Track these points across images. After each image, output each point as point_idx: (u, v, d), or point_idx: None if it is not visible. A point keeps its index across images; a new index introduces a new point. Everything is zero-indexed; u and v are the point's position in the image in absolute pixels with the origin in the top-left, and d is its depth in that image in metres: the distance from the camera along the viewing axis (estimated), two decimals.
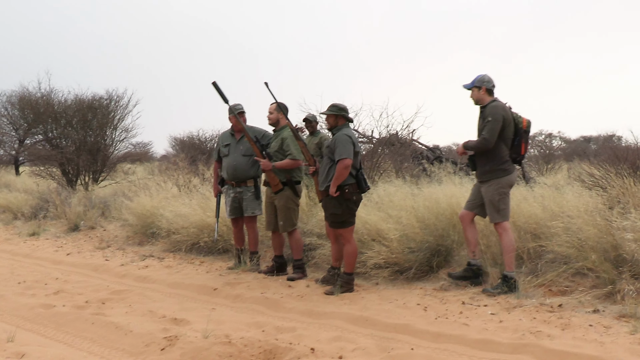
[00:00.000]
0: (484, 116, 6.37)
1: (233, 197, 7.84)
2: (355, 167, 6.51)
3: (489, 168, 6.33)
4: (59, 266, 8.92)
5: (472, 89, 6.49)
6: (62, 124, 18.44)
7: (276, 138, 7.52)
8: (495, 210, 6.28)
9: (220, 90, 7.34)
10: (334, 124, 6.65)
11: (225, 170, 7.85)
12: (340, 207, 6.48)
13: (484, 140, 6.26)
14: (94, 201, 13.60)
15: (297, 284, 7.03)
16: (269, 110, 7.56)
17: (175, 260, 8.92)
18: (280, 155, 7.42)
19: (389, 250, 6.93)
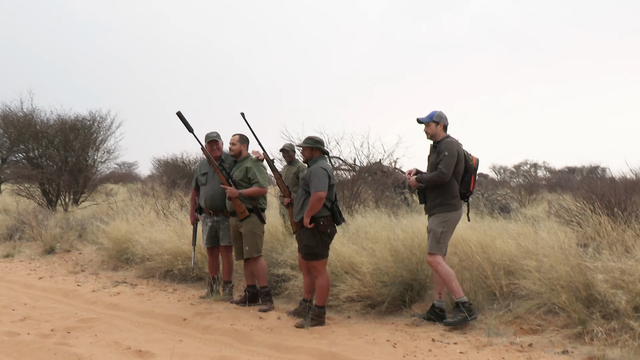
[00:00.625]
0: (438, 151, 6.46)
1: (210, 225, 7.81)
2: (331, 199, 6.49)
3: (440, 202, 6.42)
4: (30, 290, 8.79)
5: (429, 123, 6.58)
6: (44, 143, 18.39)
7: (239, 167, 7.51)
8: (435, 241, 6.35)
9: (184, 119, 7.31)
10: (309, 157, 6.64)
11: (202, 199, 7.82)
12: (314, 239, 6.45)
13: (441, 174, 6.35)
14: (71, 223, 13.47)
15: (269, 315, 6.95)
16: (231, 141, 7.57)
17: (148, 287, 8.82)
18: (245, 183, 7.42)
19: (362, 284, 6.88)
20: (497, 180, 28.88)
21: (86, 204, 17.82)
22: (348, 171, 13.51)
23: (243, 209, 7.36)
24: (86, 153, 18.66)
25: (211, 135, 7.75)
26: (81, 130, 18.71)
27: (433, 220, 6.45)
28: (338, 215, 6.53)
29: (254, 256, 7.41)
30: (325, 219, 6.45)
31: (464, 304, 6.18)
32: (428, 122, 6.57)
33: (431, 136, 6.59)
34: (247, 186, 7.44)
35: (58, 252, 11.96)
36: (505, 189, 18.92)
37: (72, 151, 18.35)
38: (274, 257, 8.15)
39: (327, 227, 6.46)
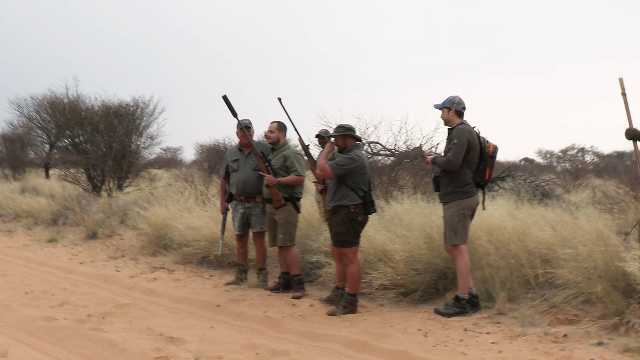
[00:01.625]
0: (449, 138, 6.43)
1: (242, 212, 7.84)
2: (363, 188, 6.43)
3: (451, 190, 6.39)
4: (70, 275, 8.97)
5: (442, 109, 6.52)
6: (89, 129, 18.63)
7: (277, 155, 7.49)
8: (452, 232, 6.33)
9: (230, 104, 7.32)
10: (343, 145, 6.57)
11: (234, 186, 7.84)
12: (345, 227, 6.41)
13: (449, 161, 6.32)
14: (113, 208, 13.69)
15: (302, 302, 6.95)
16: (270, 129, 7.55)
17: (185, 273, 8.92)
18: (284, 172, 7.39)
19: (395, 272, 6.83)
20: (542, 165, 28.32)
21: (130, 190, 18.06)
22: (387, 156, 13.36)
23: (280, 197, 7.36)
24: (130, 139, 18.84)
25: (244, 122, 7.75)
26: (125, 116, 18.88)
27: (447, 210, 6.42)
28: (369, 205, 6.47)
29: (287, 245, 7.42)
30: (356, 206, 6.40)
31: (461, 300, 6.23)
32: (441, 107, 6.52)
33: (445, 122, 6.56)
34: (285, 174, 7.43)
35: (100, 237, 12.18)
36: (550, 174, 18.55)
37: (116, 137, 18.57)
38: (308, 243, 8.14)
39: (357, 215, 6.41)
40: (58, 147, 23.62)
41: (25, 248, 11.65)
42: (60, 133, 20.62)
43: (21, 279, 8.50)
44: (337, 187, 6.48)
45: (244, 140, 7.79)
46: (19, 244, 12.20)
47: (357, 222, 6.44)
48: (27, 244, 12.09)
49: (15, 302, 7.09)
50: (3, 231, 14.12)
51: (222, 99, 7.28)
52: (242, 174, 7.77)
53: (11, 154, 28.68)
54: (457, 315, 6.17)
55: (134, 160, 18.66)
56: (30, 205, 15.79)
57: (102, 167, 17.76)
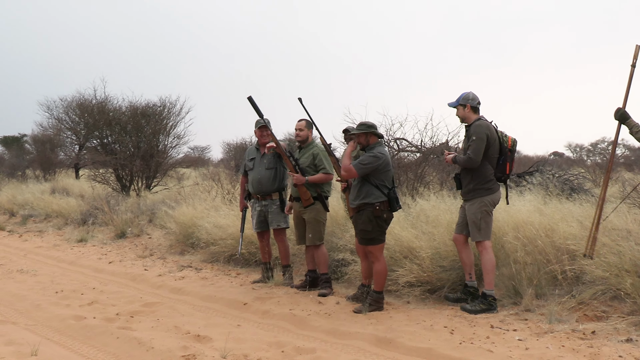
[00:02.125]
0: (468, 135, 6.41)
1: (259, 210, 7.88)
2: (388, 185, 6.43)
3: (473, 187, 6.39)
4: (100, 275, 9.10)
5: (457, 107, 6.50)
6: (117, 130, 18.85)
7: (305, 153, 7.51)
8: (476, 229, 6.34)
9: (255, 104, 7.36)
10: (365, 143, 6.56)
11: (251, 184, 7.91)
12: (370, 224, 6.41)
13: (469, 159, 6.31)
14: (142, 208, 13.84)
15: (328, 300, 6.97)
16: (298, 127, 7.55)
17: (212, 271, 8.99)
18: (312, 170, 7.41)
19: (421, 269, 6.81)
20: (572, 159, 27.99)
21: (158, 189, 18.24)
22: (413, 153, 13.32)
23: (308, 196, 7.37)
24: (157, 138, 19.05)
25: (260, 121, 7.79)
26: (152, 116, 19.10)
27: (470, 208, 6.41)
28: (394, 202, 6.46)
29: (316, 244, 7.44)
30: (382, 204, 6.40)
31: (488, 297, 6.23)
32: (455, 105, 6.50)
33: (462, 119, 6.53)
34: (313, 173, 7.45)
35: (129, 236, 12.32)
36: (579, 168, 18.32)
37: (143, 137, 18.78)
38: (334, 241, 8.15)
39: (383, 212, 6.41)
40: (87, 147, 23.97)
41: (56, 248, 11.83)
42: (89, 134, 20.91)
43: (51, 279, 8.64)
44: (361, 185, 6.48)
45: (261, 139, 7.84)
46: (50, 243, 12.40)
47: (382, 220, 6.44)
48: (57, 244, 12.28)
49: (45, 301, 7.21)
50: (34, 231, 14.37)
51: (248, 100, 7.33)
52: (257, 172, 7.83)
53: (42, 155, 29.11)
54: (484, 312, 6.15)
55: (162, 160, 18.86)
56: (60, 205, 16.03)
57: (130, 167, 17.98)
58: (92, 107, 20.48)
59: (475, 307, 6.20)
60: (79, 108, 22.11)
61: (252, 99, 7.33)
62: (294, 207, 7.66)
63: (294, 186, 7.50)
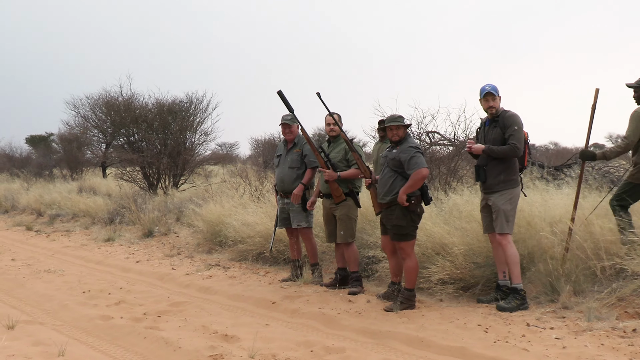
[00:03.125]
0: (504, 125, 6.38)
1: (281, 207, 7.97)
2: None
3: (504, 178, 6.40)
4: (127, 274, 9.22)
5: (497, 97, 6.48)
6: (144, 127, 19.02)
7: (336, 148, 7.51)
8: (505, 220, 6.33)
9: (285, 99, 7.37)
10: (402, 136, 6.58)
11: (276, 181, 7.96)
12: (405, 219, 6.41)
13: (516, 148, 6.31)
14: (169, 206, 13.98)
15: (358, 299, 6.97)
16: (329, 121, 7.52)
17: (240, 270, 9.05)
18: (343, 165, 7.41)
19: (454, 265, 6.78)
20: None
21: (186, 187, 18.38)
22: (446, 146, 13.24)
23: (340, 192, 7.37)
24: (184, 135, 19.19)
25: (284, 117, 7.83)
26: (178, 113, 19.25)
27: (498, 199, 6.38)
28: (427, 195, 6.47)
29: (348, 241, 7.44)
30: (416, 198, 6.41)
31: (520, 291, 6.21)
32: (498, 95, 6.49)
33: (497, 110, 6.50)
34: (345, 168, 7.45)
35: (156, 235, 12.46)
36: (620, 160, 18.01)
37: (170, 134, 18.93)
38: (364, 238, 8.15)
39: (417, 207, 6.41)
40: (114, 146, 24.20)
41: (83, 247, 12.01)
42: (115, 132, 21.14)
43: (79, 279, 8.77)
44: (394, 179, 6.47)
45: (287, 136, 7.91)
46: (77, 243, 12.60)
47: (416, 214, 6.45)
48: (85, 244, 12.47)
49: (73, 301, 7.33)
50: (61, 231, 14.60)
51: (277, 94, 7.35)
52: (280, 170, 7.94)
53: (69, 154, 29.52)
54: (519, 308, 6.11)
55: (189, 157, 18.96)
56: (87, 204, 16.25)
57: (157, 165, 18.13)
58: (119, 105, 20.69)
59: (510, 304, 6.15)
60: (106, 106, 22.32)
61: (282, 93, 7.34)
62: (324, 204, 7.67)
63: (324, 182, 7.49)
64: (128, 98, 20.89)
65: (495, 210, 6.40)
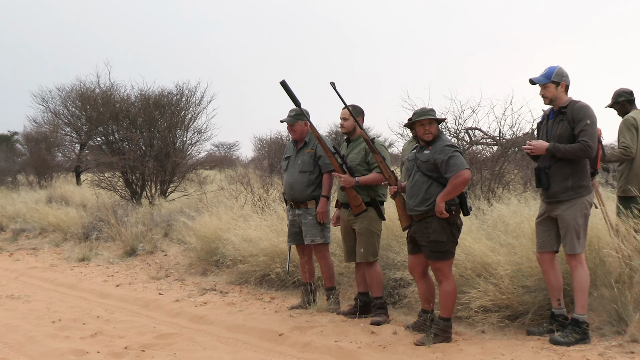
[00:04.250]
0: (571, 119, 6.24)
1: (291, 220, 7.96)
2: None
3: (571, 184, 6.24)
4: (105, 300, 9.27)
5: (547, 84, 6.36)
6: (125, 124, 19.11)
7: (354, 149, 7.50)
8: (576, 238, 6.21)
9: (289, 90, 7.41)
10: (435, 133, 6.57)
11: (284, 188, 7.97)
12: (444, 233, 6.37)
13: (588, 147, 6.14)
14: (155, 219, 14.05)
15: (382, 329, 6.98)
16: (342, 116, 7.53)
17: (240, 295, 9.07)
18: (363, 169, 7.40)
19: (499, 290, 6.76)
20: None
21: (175, 195, 18.48)
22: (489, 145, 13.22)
23: (359, 202, 7.33)
24: (174, 134, 19.28)
25: (289, 113, 7.86)
26: (167, 107, 19.32)
27: (567, 212, 6.24)
28: (466, 204, 6.46)
29: (369, 261, 7.42)
30: (455, 207, 6.40)
31: (582, 324, 6.12)
32: (545, 82, 6.36)
33: (551, 100, 6.39)
34: (366, 172, 7.44)
35: (140, 254, 12.55)
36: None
37: (157, 132, 19.03)
38: (390, 257, 8.15)
39: (457, 218, 6.42)
40: (90, 147, 24.31)
41: (53, 268, 12.11)
42: (91, 130, 21.22)
43: (47, 306, 8.83)
44: (429, 185, 6.44)
45: (294, 135, 7.96)
46: (45, 263, 12.70)
47: (456, 227, 6.44)
48: (55, 264, 12.56)
49: (40, 332, 7.38)
50: (27, 249, 14.72)
51: (281, 85, 7.39)
52: (289, 175, 7.93)
53: (36, 156, 29.67)
54: (578, 342, 6.06)
55: (180, 160, 19.05)
56: (58, 217, 16.36)
57: (141, 170, 18.24)
58: (95, 98, 20.77)
59: (567, 337, 6.11)
60: (80, 99, 22.45)
61: (285, 83, 7.38)
62: (341, 216, 7.66)
63: (340, 189, 7.48)
64: (107, 89, 20.97)
65: (563, 225, 6.28)
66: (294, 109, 7.74)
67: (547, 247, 6.45)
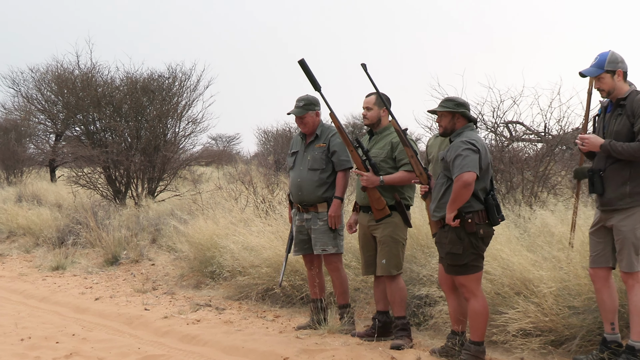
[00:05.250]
0: (632, 112, 6.10)
1: (298, 226, 7.94)
2: (485, 187, 6.38)
3: (630, 190, 6.11)
4: (82, 316, 9.29)
5: (601, 76, 6.25)
6: (108, 112, 19.13)
7: (379, 143, 7.47)
8: (634, 252, 6.07)
9: (309, 71, 7.37)
10: (450, 128, 6.53)
11: (290, 189, 7.98)
12: (461, 244, 6.33)
13: None
14: (142, 223, 14.08)
15: (404, 355, 6.97)
16: (366, 104, 7.49)
17: (240, 312, 9.07)
18: (388, 166, 7.37)
19: (541, 310, 6.74)
20: None
21: (165, 195, 18.51)
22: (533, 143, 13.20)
23: (383, 205, 7.27)
24: (164, 124, 19.30)
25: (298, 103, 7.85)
26: (157, 92, 19.34)
27: (624, 222, 6.12)
28: (495, 211, 6.39)
29: (392, 274, 7.38)
30: (477, 214, 6.34)
31: (638, 352, 6.03)
32: (599, 74, 6.24)
33: (608, 93, 6.27)
34: (392, 170, 7.40)
35: (123, 262, 12.58)
36: None
37: (145, 122, 19.05)
38: (414, 269, 8.15)
39: (478, 227, 6.34)
40: (67, 137, 24.33)
41: (22, 278, 12.15)
42: (69, 118, 21.26)
43: (15, 321, 8.85)
44: (446, 187, 6.43)
45: (303, 128, 7.92)
46: (14, 272, 12.76)
47: (477, 238, 6.37)
48: (25, 273, 12.61)
49: (8, 352, 7.40)
50: None
51: (299, 64, 7.35)
52: (297, 173, 7.88)
53: (4, 148, 29.73)
54: None
55: (171, 155, 19.07)
56: (29, 219, 16.40)
57: (126, 165, 18.28)
58: (74, 80, 20.82)
59: None
60: (56, 82, 22.50)
61: (304, 63, 7.33)
62: (360, 221, 7.63)
63: (361, 190, 7.43)
64: (87, 71, 20.99)
65: (619, 238, 6.17)
66: (302, 97, 7.73)
67: (602, 262, 6.34)
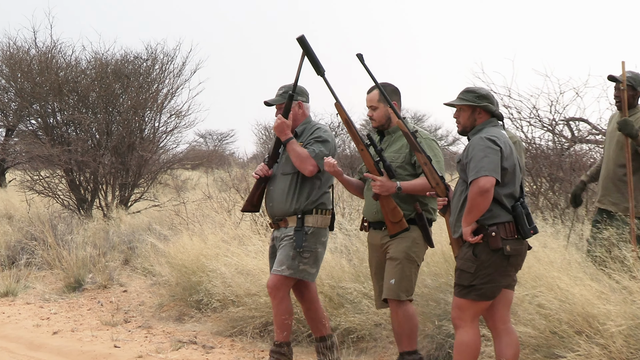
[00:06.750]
0: None
1: (271, 246, 7.96)
2: (514, 194, 6.35)
3: None
4: (37, 354, 9.28)
5: None
6: (72, 102, 19.12)
7: (393, 144, 7.43)
8: None
9: (310, 50, 7.35)
10: (470, 125, 6.49)
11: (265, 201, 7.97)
12: (474, 263, 6.22)
13: None
14: (112, 239, 14.07)
15: None
16: (369, 102, 7.39)
17: (232, 351, 9.06)
18: (406, 173, 7.33)
19: (608, 354, 6.72)
20: None
21: (142, 206, 18.52)
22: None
23: (399, 217, 7.16)
24: (141, 117, 19.30)
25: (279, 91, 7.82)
26: (133, 77, 19.35)
27: None
28: (525, 222, 6.30)
29: (400, 299, 7.27)
30: (503, 227, 6.26)
31: None
32: None
33: None
34: (410, 178, 7.34)
35: (88, 288, 12.57)
36: None
37: (117, 114, 19.05)
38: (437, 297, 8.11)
39: (505, 243, 6.23)
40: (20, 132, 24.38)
41: None
42: (23, 108, 21.29)
43: None
44: (465, 197, 6.34)
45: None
46: None
47: (502, 255, 6.26)
48: None
49: None
50: None
51: (298, 41, 7.33)
52: (271, 180, 7.82)
53: None
54: None
55: (149, 155, 19.05)
56: None
57: (93, 168, 18.27)
58: (30, 62, 20.85)
59: None
60: (7, 63, 22.55)
61: (304, 40, 7.32)
62: (371, 242, 7.56)
63: (372, 199, 7.33)
64: (46, 51, 20.99)
65: None
66: (285, 85, 7.70)
67: None
